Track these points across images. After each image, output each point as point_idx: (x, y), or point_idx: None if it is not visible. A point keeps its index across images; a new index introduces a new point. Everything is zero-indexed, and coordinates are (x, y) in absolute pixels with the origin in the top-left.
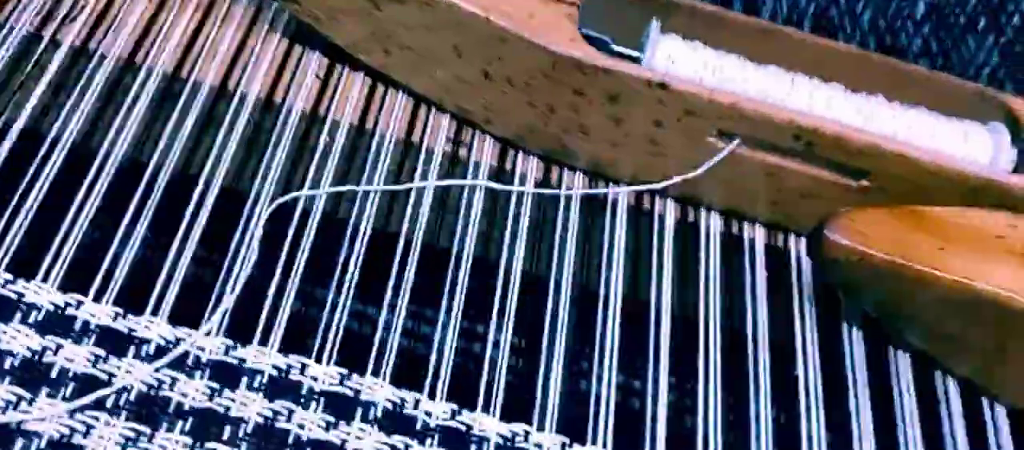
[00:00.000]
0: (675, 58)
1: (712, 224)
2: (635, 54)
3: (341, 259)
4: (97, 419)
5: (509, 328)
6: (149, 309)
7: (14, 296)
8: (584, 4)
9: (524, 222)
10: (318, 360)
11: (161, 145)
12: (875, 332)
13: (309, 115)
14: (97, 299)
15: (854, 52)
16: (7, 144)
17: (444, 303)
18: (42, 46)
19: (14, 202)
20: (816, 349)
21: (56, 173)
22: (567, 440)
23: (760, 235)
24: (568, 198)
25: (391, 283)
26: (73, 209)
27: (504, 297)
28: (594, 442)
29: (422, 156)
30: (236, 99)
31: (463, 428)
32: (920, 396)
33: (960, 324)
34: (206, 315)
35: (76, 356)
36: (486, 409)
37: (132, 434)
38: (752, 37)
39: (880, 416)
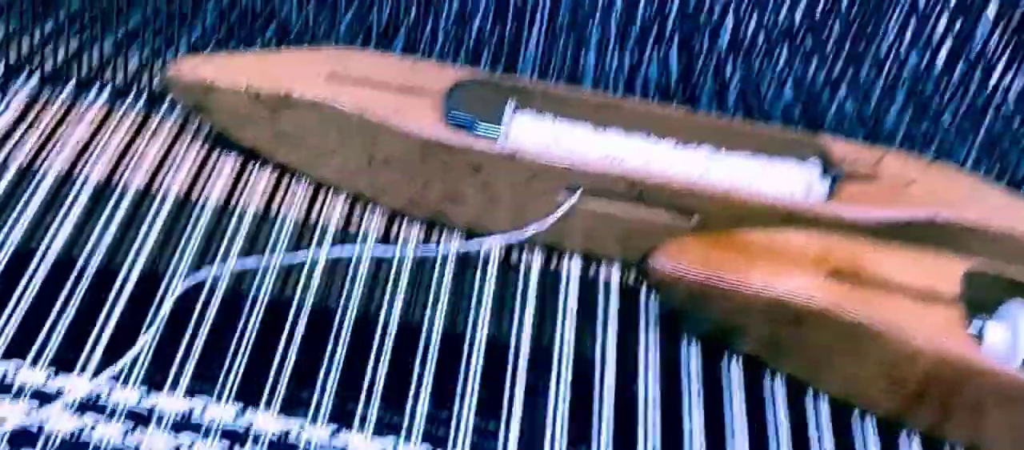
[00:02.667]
0: (528, 131)
1: (572, 269)
2: (496, 130)
3: (240, 323)
4: None
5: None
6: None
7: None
8: (453, 93)
9: (403, 281)
10: (218, 400)
11: (91, 243)
12: (710, 345)
13: (222, 207)
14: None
15: (684, 115)
16: None
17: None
18: None
19: None
20: (657, 366)
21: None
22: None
23: (615, 275)
24: (445, 256)
25: (282, 339)
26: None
27: (381, 346)
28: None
29: (318, 232)
30: (159, 198)
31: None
32: (749, 395)
33: (769, 327)
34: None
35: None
36: (361, 428)
37: None
38: (597, 109)
39: (710, 416)
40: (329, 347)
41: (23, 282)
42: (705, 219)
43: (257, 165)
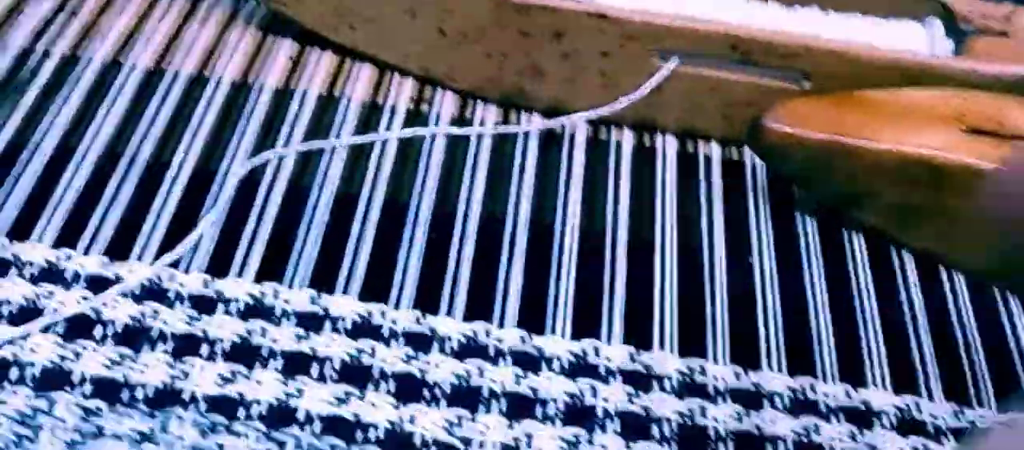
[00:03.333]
0: None
1: (668, 146)
2: None
3: (307, 214)
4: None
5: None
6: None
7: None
8: None
9: (482, 167)
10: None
11: (140, 133)
12: (829, 218)
13: (280, 91)
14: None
15: None
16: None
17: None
18: (35, 58)
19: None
20: (771, 240)
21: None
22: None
23: (716, 151)
24: (526, 135)
25: (352, 235)
26: (64, 181)
27: (463, 235)
28: (554, 332)
29: (386, 115)
30: (212, 84)
31: (427, 332)
32: (876, 272)
33: (900, 192)
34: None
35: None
36: (449, 312)
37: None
38: None
39: (836, 294)
40: (407, 234)
41: (69, 172)
42: (817, 83)
43: (315, 50)
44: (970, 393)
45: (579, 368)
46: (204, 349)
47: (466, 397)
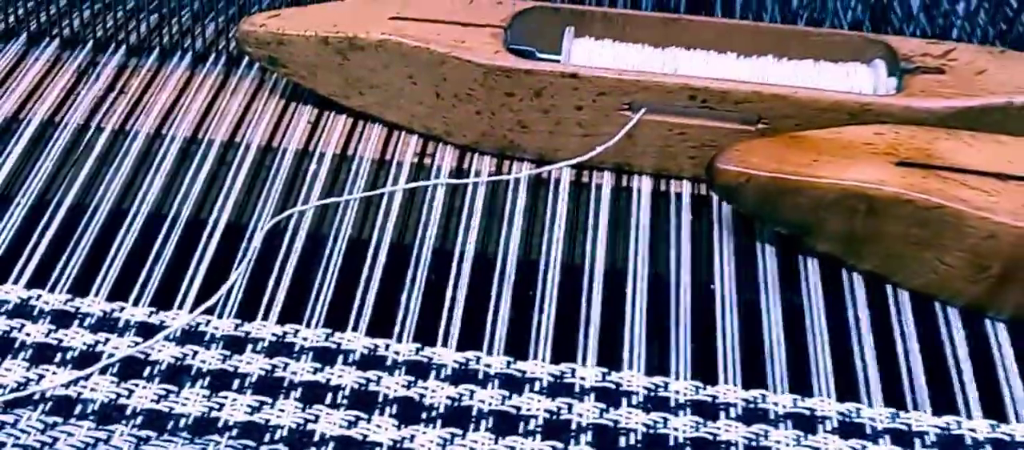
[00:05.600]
0: (589, 54)
1: (643, 186)
2: (556, 57)
3: (324, 258)
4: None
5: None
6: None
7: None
8: (514, 23)
9: (478, 211)
10: (308, 326)
11: (181, 195)
12: (786, 248)
13: (301, 152)
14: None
15: (748, 25)
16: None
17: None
18: (90, 133)
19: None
20: (732, 271)
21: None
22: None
23: (686, 187)
24: (516, 182)
25: (362, 278)
26: (117, 241)
27: (459, 272)
28: (536, 357)
29: (393, 169)
30: (243, 148)
31: (425, 360)
32: (827, 293)
33: (843, 221)
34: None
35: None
36: (444, 342)
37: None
38: (657, 27)
39: (789, 316)
40: (409, 275)
41: (121, 233)
42: (771, 124)
43: (332, 113)
44: (907, 399)
45: (557, 388)
46: (235, 383)
47: (459, 417)
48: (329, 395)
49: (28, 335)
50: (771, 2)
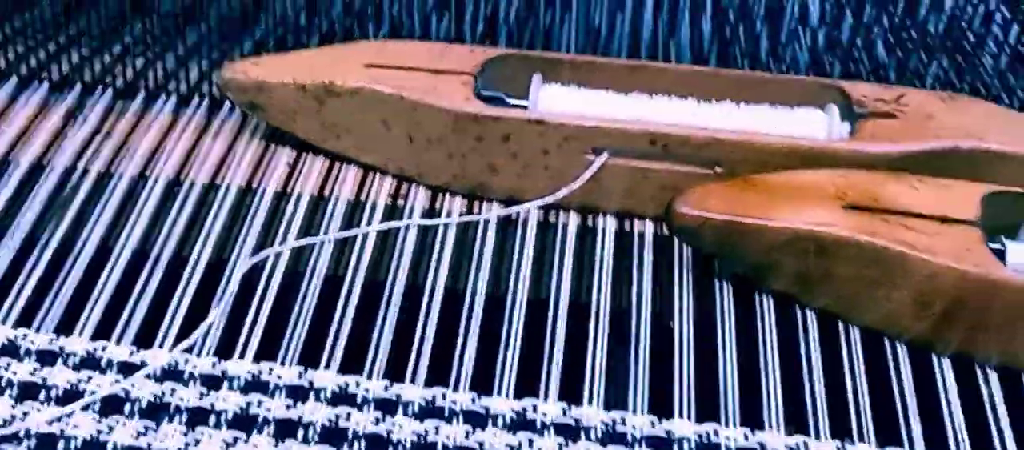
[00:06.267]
0: (556, 100)
1: (608, 226)
2: (524, 103)
3: (299, 297)
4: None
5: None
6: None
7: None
8: (485, 71)
9: (448, 250)
10: (282, 364)
11: (163, 235)
12: (743, 287)
13: (280, 194)
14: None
15: (708, 71)
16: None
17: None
18: (76, 176)
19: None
20: (691, 309)
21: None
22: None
23: (649, 228)
24: (486, 222)
25: (336, 315)
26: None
27: (429, 310)
28: (501, 393)
29: (367, 210)
30: (223, 190)
31: (393, 397)
32: (781, 331)
33: (796, 262)
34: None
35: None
36: (412, 379)
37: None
38: (623, 74)
39: (744, 353)
40: (381, 313)
41: (105, 273)
42: (728, 168)
43: (309, 156)
44: (854, 432)
45: (519, 423)
46: (211, 419)
47: None
48: (301, 431)
49: (14, 373)
50: (739, 49)
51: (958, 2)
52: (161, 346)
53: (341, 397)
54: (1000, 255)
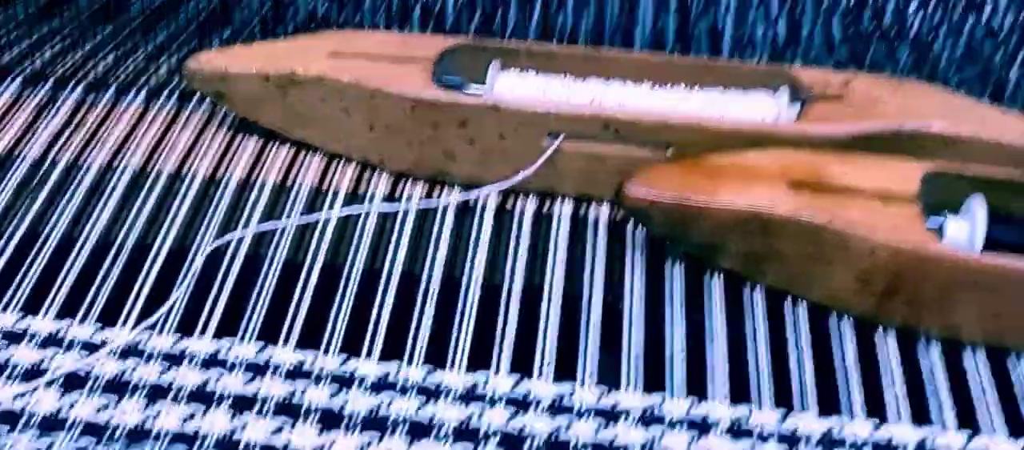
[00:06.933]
0: (512, 86)
1: (564, 210)
2: (482, 88)
3: (260, 279)
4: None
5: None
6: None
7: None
8: (444, 60)
9: (407, 235)
10: (241, 341)
11: (128, 222)
12: (693, 266)
13: (243, 182)
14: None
15: (663, 57)
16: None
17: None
18: (45, 165)
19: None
20: (642, 288)
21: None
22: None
23: (604, 212)
24: (445, 207)
25: (295, 296)
26: (67, 264)
27: (385, 292)
28: (453, 368)
29: (329, 197)
30: (189, 179)
31: (347, 373)
32: (729, 307)
33: (742, 241)
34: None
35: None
36: (368, 354)
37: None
38: (579, 61)
39: (692, 328)
40: (339, 293)
41: (70, 257)
42: (679, 150)
43: (276, 144)
44: (796, 402)
45: (470, 396)
46: (171, 394)
47: (377, 425)
48: (257, 405)
49: None
50: (702, 36)
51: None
52: (124, 326)
53: (298, 372)
54: (941, 230)
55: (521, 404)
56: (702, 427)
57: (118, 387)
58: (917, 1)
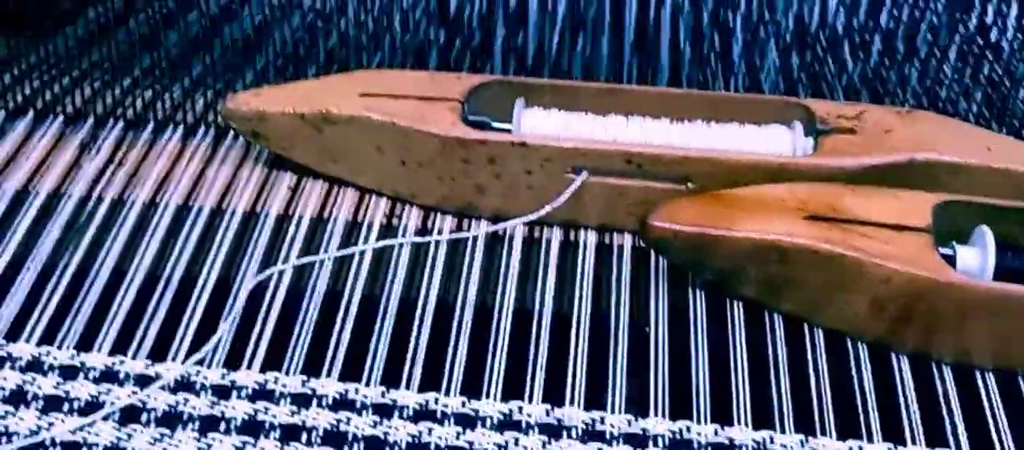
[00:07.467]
0: (538, 123)
1: (589, 240)
2: (508, 127)
3: (302, 312)
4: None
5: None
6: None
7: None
8: (471, 98)
9: (439, 266)
10: (287, 373)
11: (173, 257)
12: (715, 294)
13: (282, 216)
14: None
15: (681, 92)
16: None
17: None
18: (91, 203)
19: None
20: (666, 314)
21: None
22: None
23: (627, 241)
24: (475, 239)
25: (335, 328)
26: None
27: (421, 321)
28: (489, 396)
29: (364, 230)
30: (229, 214)
31: (390, 402)
32: (750, 333)
33: (761, 269)
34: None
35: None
36: (407, 385)
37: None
38: (601, 97)
39: (715, 354)
40: (377, 325)
41: (120, 293)
42: (699, 184)
43: (310, 180)
44: (816, 426)
45: (506, 424)
46: (222, 426)
47: None
48: (304, 435)
49: (39, 387)
50: (714, 70)
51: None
52: (174, 359)
53: (341, 403)
54: (951, 260)
55: (555, 430)
56: None
57: (171, 419)
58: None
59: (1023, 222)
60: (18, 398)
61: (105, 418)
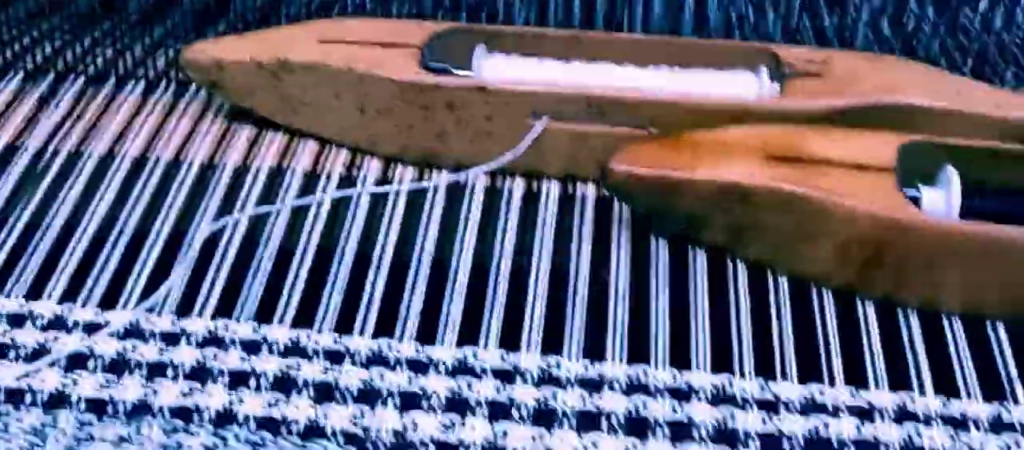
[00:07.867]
0: (499, 69)
1: (552, 189)
2: (469, 74)
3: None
4: None
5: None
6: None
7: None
8: (431, 44)
9: (398, 217)
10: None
11: (128, 208)
12: (678, 242)
13: (240, 168)
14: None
15: (646, 39)
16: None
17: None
18: (47, 156)
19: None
20: (627, 263)
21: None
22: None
23: (591, 191)
24: (435, 188)
25: (289, 277)
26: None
27: (377, 273)
28: (443, 343)
29: (322, 181)
30: (186, 166)
31: (342, 349)
32: (712, 281)
33: (723, 213)
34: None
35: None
36: (361, 332)
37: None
38: (564, 43)
39: (676, 302)
40: (331, 274)
41: (72, 244)
42: (662, 128)
43: (270, 132)
44: (777, 371)
45: (460, 369)
46: (169, 372)
47: (370, 398)
48: (253, 380)
49: None
50: (688, 19)
51: None
52: (124, 307)
53: (293, 349)
54: (916, 202)
55: (509, 376)
56: (684, 396)
57: (118, 366)
58: None
59: (990, 163)
60: None
61: (51, 364)
